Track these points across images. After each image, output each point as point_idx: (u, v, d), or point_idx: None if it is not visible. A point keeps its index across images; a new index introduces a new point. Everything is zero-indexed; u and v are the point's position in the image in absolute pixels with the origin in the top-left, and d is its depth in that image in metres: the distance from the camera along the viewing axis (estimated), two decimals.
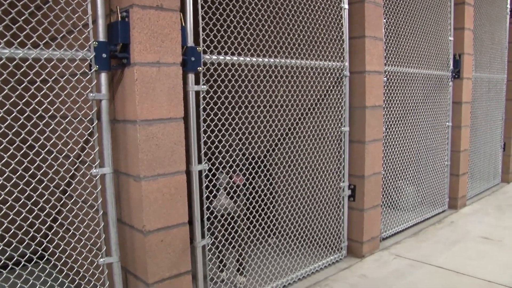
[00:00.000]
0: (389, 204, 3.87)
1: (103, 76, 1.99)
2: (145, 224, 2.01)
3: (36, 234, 2.04)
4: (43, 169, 1.96)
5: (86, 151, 2.31)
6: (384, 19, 3.37)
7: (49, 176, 2.06)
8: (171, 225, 2.11)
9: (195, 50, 2.16)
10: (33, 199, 1.85)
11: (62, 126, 2.07)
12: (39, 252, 2.21)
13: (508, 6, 5.47)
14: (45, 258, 2.76)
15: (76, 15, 2.02)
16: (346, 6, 3.06)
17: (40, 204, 1.94)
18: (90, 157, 2.07)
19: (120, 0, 2.03)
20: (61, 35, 2.03)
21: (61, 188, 2.44)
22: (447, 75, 4.35)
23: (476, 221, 4.09)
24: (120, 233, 2.17)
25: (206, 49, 2.28)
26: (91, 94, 1.97)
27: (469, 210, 4.50)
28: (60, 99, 2.18)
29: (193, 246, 2.30)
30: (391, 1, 3.56)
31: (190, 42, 2.16)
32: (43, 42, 1.86)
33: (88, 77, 1.98)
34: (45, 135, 1.95)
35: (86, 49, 1.95)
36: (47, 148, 1.94)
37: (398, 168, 3.91)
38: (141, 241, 2.04)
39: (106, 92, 2.00)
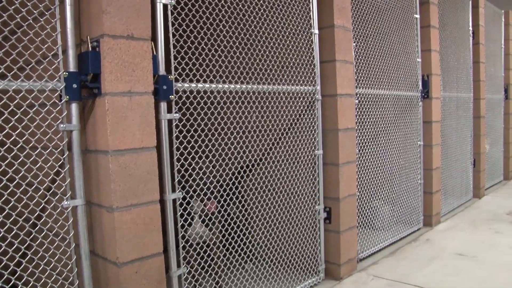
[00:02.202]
0: (365, 224, 3.89)
1: (74, 107, 1.97)
2: (119, 255, 1.97)
3: (3, 272, 1.98)
4: (12, 203, 1.91)
5: (57, 183, 2.26)
6: (354, 43, 3.45)
7: (18, 210, 2.01)
8: (146, 255, 2.08)
9: (167, 78, 2.16)
10: (1, 234, 1.80)
11: (32, 158, 2.03)
12: None
13: (471, 28, 5.66)
14: None
15: (45, 46, 2.00)
16: (316, 31, 3.11)
17: (8, 240, 1.89)
18: (61, 189, 2.02)
19: (90, 30, 2.03)
20: (30, 66, 2.00)
21: (31, 222, 2.38)
22: (416, 95, 4.45)
23: (451, 238, 4.14)
24: (93, 266, 2.12)
25: (178, 77, 2.28)
26: (62, 125, 1.94)
27: (443, 227, 4.56)
28: (29, 131, 2.15)
29: (169, 276, 2.26)
30: (360, 25, 3.65)
31: (162, 70, 2.16)
32: (11, 73, 1.83)
33: (59, 107, 1.96)
34: (14, 167, 1.90)
35: (56, 79, 1.93)
36: (15, 181, 1.90)
37: (373, 189, 3.95)
38: (115, 273, 1.99)
39: (77, 122, 1.97)
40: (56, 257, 2.07)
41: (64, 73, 1.92)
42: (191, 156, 2.44)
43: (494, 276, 3.14)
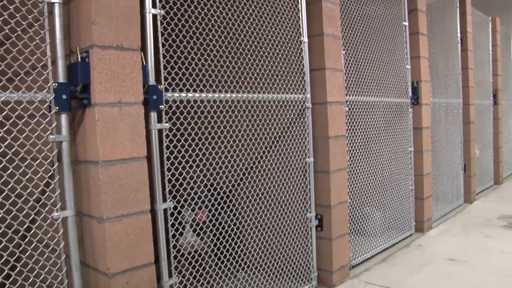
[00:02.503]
0: (357, 231, 3.90)
1: (64, 118, 1.96)
2: (110, 266, 1.96)
3: None
4: (0, 215, 1.90)
5: (46, 194, 2.25)
6: (344, 50, 3.47)
7: (7, 221, 1.99)
8: (137, 266, 2.07)
9: (157, 88, 2.17)
10: None
11: (21, 169, 2.01)
12: None
13: (459, 35, 5.72)
14: None
15: (35, 56, 2.00)
16: (306, 39, 3.14)
17: None
18: (51, 200, 2.02)
19: (80, 40, 2.03)
20: (19, 77, 2.00)
21: (20, 234, 2.36)
22: (406, 102, 4.48)
23: (442, 243, 4.16)
24: (84, 277, 2.11)
25: (168, 87, 2.28)
26: (51, 136, 1.94)
27: (435, 232, 4.58)
28: (18, 142, 2.13)
29: (161, 286, 2.25)
30: (349, 33, 3.68)
31: (152, 80, 2.16)
32: (0, 84, 1.83)
33: (48, 118, 1.95)
34: (3, 179, 1.89)
35: (45, 90, 1.93)
36: (4, 193, 1.89)
37: (364, 195, 3.96)
38: (106, 284, 1.98)
39: (67, 133, 1.97)
40: (46, 269, 2.05)
41: (54, 84, 1.92)
42: (181, 165, 2.44)
43: (486, 281, 3.16)
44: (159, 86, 2.18)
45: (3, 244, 1.90)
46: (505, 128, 7.70)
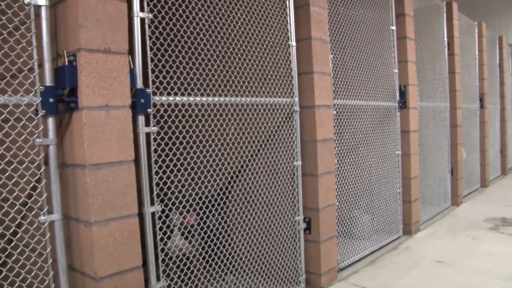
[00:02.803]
0: (345, 234, 3.92)
1: (51, 121, 1.96)
2: (97, 270, 1.96)
3: None
4: None
5: (33, 197, 2.24)
6: (331, 54, 3.50)
7: None
8: (125, 269, 2.06)
9: (145, 92, 2.17)
10: None
11: (8, 173, 2.00)
12: None
13: (446, 39, 5.79)
14: None
15: (21, 60, 2.00)
16: (294, 43, 3.15)
17: None
18: (38, 204, 2.01)
19: (67, 44, 2.03)
20: (5, 80, 1.99)
21: (6, 238, 2.34)
22: (394, 105, 4.52)
23: (430, 245, 4.20)
24: (71, 281, 2.09)
25: (155, 90, 2.29)
26: (38, 140, 1.93)
27: (423, 235, 4.62)
28: (4, 145, 2.12)
29: None
30: (337, 37, 3.70)
31: (139, 84, 2.17)
32: None
33: (35, 122, 1.94)
34: None
35: (32, 94, 1.92)
36: None
37: (352, 198, 3.98)
38: None
39: (54, 137, 1.96)
40: (33, 273, 2.04)
41: (40, 87, 1.91)
42: (169, 169, 2.44)
43: (472, 283, 3.19)
44: (147, 90, 2.19)
45: None
46: (491, 132, 7.79)
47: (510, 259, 3.67)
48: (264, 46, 3.19)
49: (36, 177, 2.17)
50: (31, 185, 2.25)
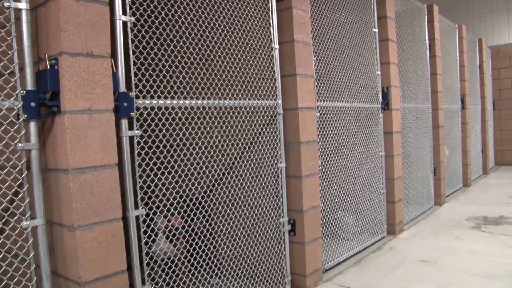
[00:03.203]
0: (330, 235, 3.94)
1: (32, 125, 1.94)
2: (82, 275, 1.95)
3: None
4: None
5: (15, 203, 2.21)
6: (314, 57, 3.53)
7: None
8: (110, 274, 2.05)
9: (128, 95, 2.17)
10: None
11: None
12: None
13: (427, 41, 5.88)
14: None
15: (1, 64, 1.98)
16: (277, 46, 3.17)
17: None
18: (20, 209, 1.99)
19: (49, 47, 2.01)
20: None
21: None
22: (377, 107, 4.57)
23: (414, 245, 4.25)
24: (55, 286, 2.08)
25: (139, 94, 2.28)
26: (20, 144, 1.91)
27: (406, 235, 4.67)
28: None
29: None
30: (320, 40, 3.73)
31: (122, 87, 2.16)
32: None
33: (16, 126, 1.93)
34: None
35: (13, 98, 1.90)
36: None
37: (337, 199, 4.01)
38: None
39: (36, 141, 1.95)
40: (15, 280, 2.02)
41: (22, 91, 1.90)
42: (153, 172, 2.44)
43: (455, 281, 3.24)
44: (130, 93, 2.18)
45: None
46: (472, 132, 7.91)
47: (492, 257, 3.73)
48: (247, 49, 3.20)
49: (18, 182, 2.15)
50: (13, 190, 2.23)
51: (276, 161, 3.21)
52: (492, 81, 9.90)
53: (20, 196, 2.11)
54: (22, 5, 1.90)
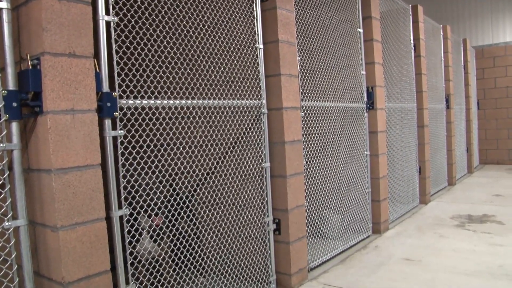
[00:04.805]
0: (315, 234, 3.97)
1: (14, 126, 1.94)
2: (65, 275, 1.95)
3: None
4: None
5: None
6: (299, 57, 3.55)
7: None
8: (93, 274, 2.06)
9: (111, 95, 2.16)
10: None
11: None
12: None
13: (412, 42, 5.94)
14: None
15: None
16: (261, 46, 3.19)
17: None
18: (2, 210, 1.98)
19: (31, 47, 2.01)
20: None
21: None
22: (362, 106, 4.60)
23: (398, 244, 4.29)
24: (38, 287, 2.07)
25: (122, 94, 2.28)
26: (2, 145, 1.91)
27: (391, 234, 4.71)
28: None
29: None
30: (305, 39, 3.76)
31: (106, 87, 2.16)
32: None
33: None
34: None
35: None
36: None
37: (322, 199, 4.04)
38: None
39: (18, 141, 1.94)
40: None
41: (3, 91, 1.89)
42: (137, 172, 2.44)
43: (438, 279, 3.29)
44: (113, 93, 2.18)
45: None
46: (457, 131, 8.00)
47: (474, 255, 3.79)
48: (232, 49, 3.21)
49: (0, 183, 2.14)
50: None
51: (260, 161, 3.23)
52: (476, 81, 10.03)
53: (1, 196, 2.10)
54: (3, 5, 1.90)
